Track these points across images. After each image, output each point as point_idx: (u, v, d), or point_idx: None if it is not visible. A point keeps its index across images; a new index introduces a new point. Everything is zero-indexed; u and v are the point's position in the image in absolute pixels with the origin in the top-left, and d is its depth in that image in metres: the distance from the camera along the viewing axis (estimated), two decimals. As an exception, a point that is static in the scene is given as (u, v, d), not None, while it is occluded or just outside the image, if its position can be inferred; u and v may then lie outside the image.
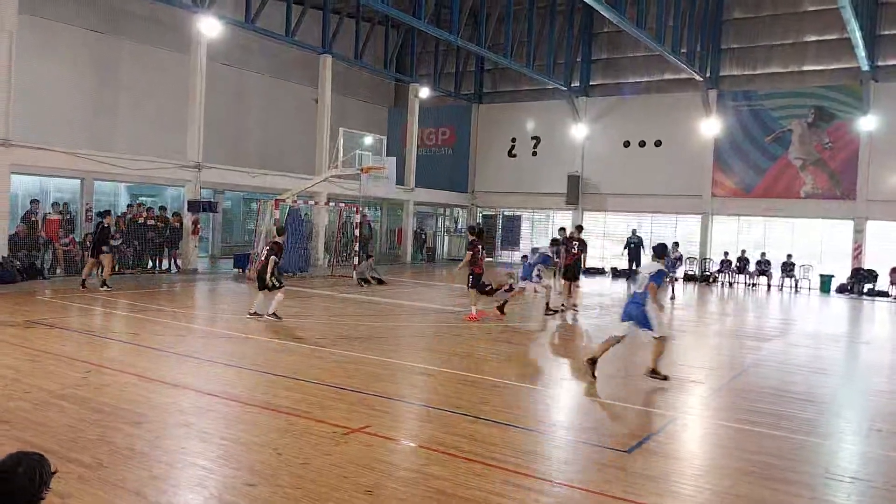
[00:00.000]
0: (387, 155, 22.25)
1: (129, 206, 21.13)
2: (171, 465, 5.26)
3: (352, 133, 21.45)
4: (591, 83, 31.32)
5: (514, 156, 33.19)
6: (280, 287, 12.13)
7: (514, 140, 33.19)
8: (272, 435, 6.04)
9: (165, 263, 20.83)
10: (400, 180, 28.06)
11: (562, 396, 8.29)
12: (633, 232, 28.03)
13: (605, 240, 31.13)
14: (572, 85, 30.86)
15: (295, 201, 21.28)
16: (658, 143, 29.56)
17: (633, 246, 27.32)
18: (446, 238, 34.76)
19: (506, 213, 34.14)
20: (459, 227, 34.81)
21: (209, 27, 21.37)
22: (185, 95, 21.86)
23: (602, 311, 16.89)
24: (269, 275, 11.99)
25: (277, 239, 12.85)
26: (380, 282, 19.72)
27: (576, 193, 30.94)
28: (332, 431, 6.12)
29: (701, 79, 27.44)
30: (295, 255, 21.04)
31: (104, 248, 15.65)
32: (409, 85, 31.16)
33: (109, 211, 16.92)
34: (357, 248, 21.59)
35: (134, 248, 19.94)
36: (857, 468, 6.04)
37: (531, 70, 27.78)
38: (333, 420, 6.46)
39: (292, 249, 20.81)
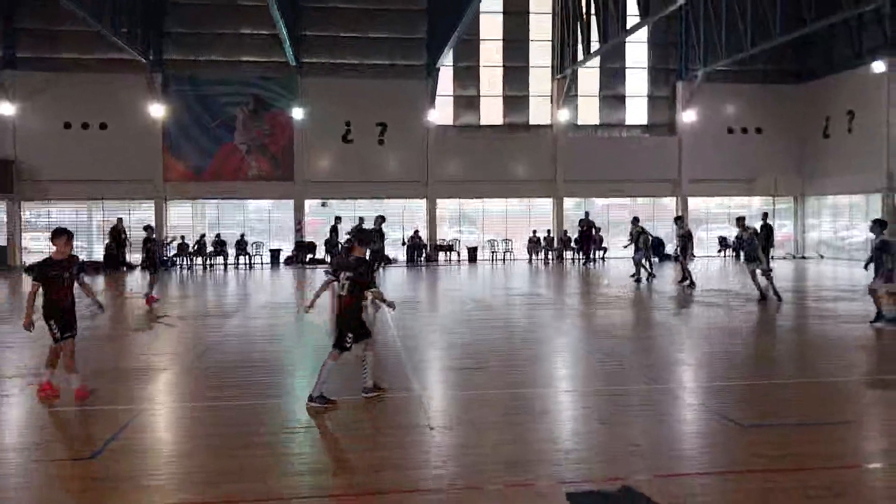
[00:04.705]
0: None
1: None
2: None
3: None
4: (18, 55, 27.46)
5: (-82, 135, 27.03)
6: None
7: (-86, 116, 26.95)
8: None
9: None
10: None
11: (4, 414, 7.27)
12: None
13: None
14: (-9, 55, 26.57)
15: None
16: (104, 126, 27.84)
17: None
18: None
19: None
20: None
21: None
22: None
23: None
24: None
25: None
26: None
27: (9, 180, 26.92)
28: None
29: (145, 61, 26.77)
30: None
31: None
32: None
33: None
34: None
35: None
36: (308, 418, 6.93)
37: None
38: None
39: None
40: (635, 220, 20.68)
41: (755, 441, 5.97)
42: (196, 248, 27.16)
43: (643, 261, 19.91)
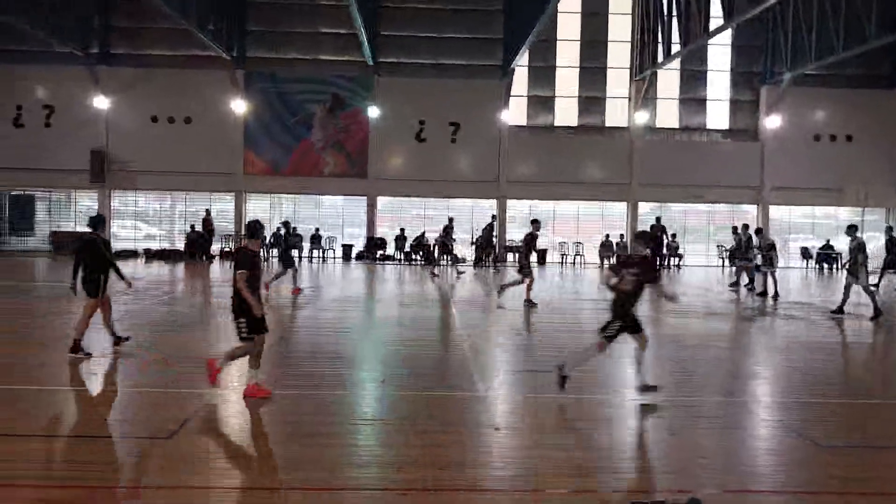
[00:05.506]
0: None
1: None
2: None
3: None
4: (112, 51, 28.90)
5: (22, 126, 28.70)
6: None
7: (19, 108, 28.64)
8: None
9: None
10: None
11: (91, 393, 7.67)
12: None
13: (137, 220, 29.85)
14: (90, 51, 28.01)
15: None
16: (188, 120, 28.96)
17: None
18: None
19: (14, 193, 29.45)
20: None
21: None
22: None
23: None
24: None
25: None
26: None
27: (101, 170, 28.38)
28: None
29: (228, 58, 27.72)
30: None
31: None
32: None
33: None
34: None
35: None
36: (375, 411, 7.06)
37: (36, 29, 24.23)
38: None
39: None
40: (744, 228, 19.96)
41: (833, 462, 5.72)
42: (273, 240, 27.91)
43: (750, 268, 19.50)
